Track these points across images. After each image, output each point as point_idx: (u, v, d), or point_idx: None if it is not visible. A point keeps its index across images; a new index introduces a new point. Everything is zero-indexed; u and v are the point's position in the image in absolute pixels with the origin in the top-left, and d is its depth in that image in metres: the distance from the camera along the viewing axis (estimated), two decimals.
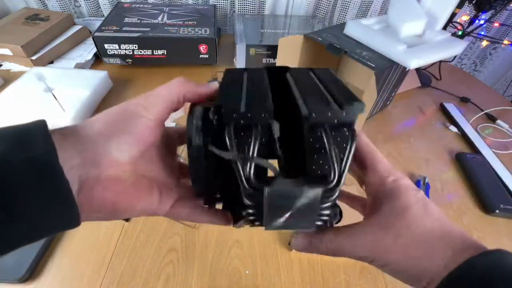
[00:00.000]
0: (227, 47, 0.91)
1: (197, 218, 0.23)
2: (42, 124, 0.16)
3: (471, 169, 0.58)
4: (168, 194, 0.22)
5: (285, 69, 0.24)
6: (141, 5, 0.88)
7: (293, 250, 0.44)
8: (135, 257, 0.43)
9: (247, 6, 0.98)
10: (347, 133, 0.18)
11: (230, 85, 0.20)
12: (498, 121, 0.73)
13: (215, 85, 0.22)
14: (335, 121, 0.17)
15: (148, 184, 0.20)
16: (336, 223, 0.21)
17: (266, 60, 0.80)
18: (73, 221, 0.16)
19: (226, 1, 0.99)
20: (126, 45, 0.74)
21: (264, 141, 0.19)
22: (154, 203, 0.21)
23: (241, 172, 0.17)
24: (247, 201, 0.18)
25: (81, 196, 0.16)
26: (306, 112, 0.17)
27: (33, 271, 0.40)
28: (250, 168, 0.17)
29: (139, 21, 0.79)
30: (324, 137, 0.17)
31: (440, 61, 0.88)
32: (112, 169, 0.18)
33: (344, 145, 0.18)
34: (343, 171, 0.17)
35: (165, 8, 0.87)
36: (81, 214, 0.16)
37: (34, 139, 0.15)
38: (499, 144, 0.67)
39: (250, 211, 0.18)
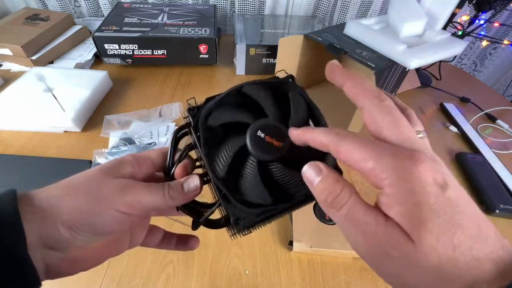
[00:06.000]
0: (227, 47, 0.91)
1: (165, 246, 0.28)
2: (13, 210, 0.17)
3: (471, 169, 0.58)
4: (141, 231, 0.26)
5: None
6: (141, 5, 0.88)
7: (293, 250, 0.44)
8: (135, 257, 0.43)
9: (247, 6, 0.98)
10: None
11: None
12: (498, 121, 0.73)
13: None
14: None
15: (119, 237, 0.22)
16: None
17: (266, 60, 0.80)
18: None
19: (226, 1, 0.99)
20: (126, 45, 0.74)
21: None
22: (125, 247, 0.23)
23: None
24: None
25: (50, 274, 0.18)
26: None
27: None
28: None
29: (139, 21, 0.79)
30: None
31: (440, 61, 0.88)
32: (76, 252, 0.19)
33: None
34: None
35: (165, 8, 0.87)
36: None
37: (5, 231, 0.17)
38: (499, 144, 0.67)
39: None
